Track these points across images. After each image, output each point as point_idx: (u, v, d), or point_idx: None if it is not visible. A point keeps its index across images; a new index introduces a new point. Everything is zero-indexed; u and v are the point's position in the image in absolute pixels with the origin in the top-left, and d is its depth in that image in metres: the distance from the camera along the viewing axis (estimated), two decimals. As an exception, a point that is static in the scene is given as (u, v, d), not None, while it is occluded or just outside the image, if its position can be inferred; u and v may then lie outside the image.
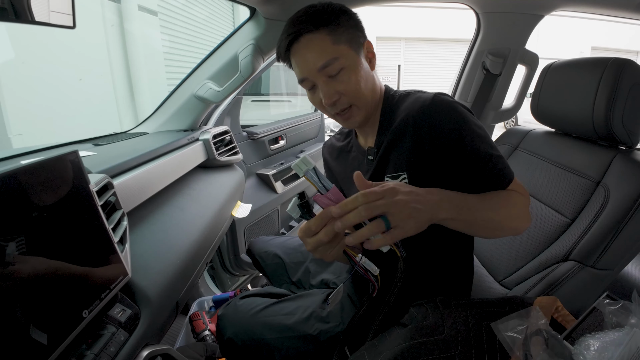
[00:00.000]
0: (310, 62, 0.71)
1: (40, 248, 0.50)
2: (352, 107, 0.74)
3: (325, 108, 0.76)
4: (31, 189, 0.51)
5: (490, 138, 0.72)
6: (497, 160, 0.70)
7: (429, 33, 11.34)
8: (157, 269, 0.78)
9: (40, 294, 0.49)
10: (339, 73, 0.71)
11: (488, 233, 0.70)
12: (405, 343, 0.63)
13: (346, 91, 0.72)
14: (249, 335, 0.88)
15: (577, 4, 1.36)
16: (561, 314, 0.70)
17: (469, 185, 0.69)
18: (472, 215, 0.63)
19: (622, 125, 0.88)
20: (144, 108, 3.69)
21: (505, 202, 0.68)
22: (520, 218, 0.69)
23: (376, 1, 1.26)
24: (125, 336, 0.63)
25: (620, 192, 0.83)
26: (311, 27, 0.70)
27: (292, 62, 0.75)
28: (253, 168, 1.90)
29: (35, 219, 0.50)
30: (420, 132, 0.71)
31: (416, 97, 0.75)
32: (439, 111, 0.70)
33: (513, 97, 1.63)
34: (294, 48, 0.72)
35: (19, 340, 0.45)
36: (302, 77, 0.74)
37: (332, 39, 0.70)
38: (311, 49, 0.71)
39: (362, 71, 0.74)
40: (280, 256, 1.17)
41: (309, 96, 0.78)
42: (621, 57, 0.89)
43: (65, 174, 0.58)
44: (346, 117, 0.76)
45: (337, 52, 0.70)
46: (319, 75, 0.71)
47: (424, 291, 0.79)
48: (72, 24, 0.67)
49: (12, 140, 2.44)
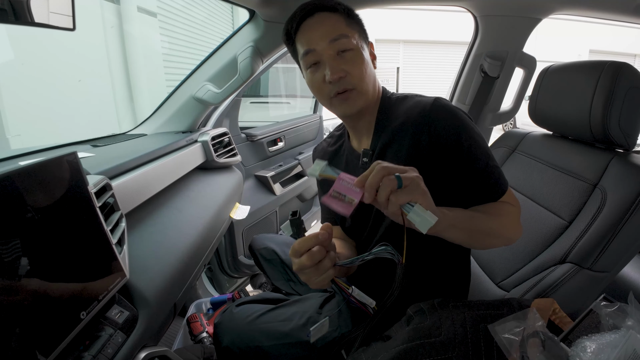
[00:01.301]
0: (321, 35, 0.71)
1: (38, 249, 0.50)
2: (354, 90, 0.73)
3: (323, 90, 0.74)
4: (29, 190, 0.51)
5: (488, 148, 0.72)
6: (492, 170, 0.70)
7: (428, 36, 11.38)
8: (155, 271, 0.78)
9: (38, 296, 0.49)
10: (347, 52, 0.71)
11: (481, 244, 0.70)
12: (402, 345, 0.63)
13: (352, 71, 0.71)
14: (246, 343, 0.87)
15: (574, 7, 1.36)
16: (558, 316, 0.70)
17: (464, 194, 0.70)
18: (468, 225, 0.64)
19: (619, 128, 0.89)
20: (142, 109, 3.68)
21: (497, 213, 0.69)
22: (511, 229, 0.70)
23: (376, 4, 1.27)
24: (122, 338, 0.63)
25: (617, 195, 0.84)
26: (328, 6, 0.72)
27: (299, 39, 0.74)
28: (252, 170, 1.90)
29: (33, 220, 0.50)
30: (419, 137, 0.71)
31: (416, 101, 0.75)
32: (439, 116, 0.70)
33: (511, 100, 1.64)
34: (306, 23, 0.73)
35: (17, 342, 0.45)
36: (308, 49, 0.72)
37: (347, 22, 0.72)
38: (325, 23, 0.72)
39: (367, 62, 0.74)
40: (278, 253, 1.17)
41: (309, 76, 0.75)
42: (618, 61, 0.90)
43: (63, 175, 0.58)
44: (345, 98, 0.73)
45: (350, 33, 0.72)
46: (327, 49, 0.71)
47: (422, 293, 0.79)
48: (71, 26, 0.67)
49: (10, 140, 2.43)
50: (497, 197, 0.71)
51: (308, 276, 0.57)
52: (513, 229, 0.70)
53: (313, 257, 0.55)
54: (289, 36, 0.77)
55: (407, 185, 0.52)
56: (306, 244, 0.55)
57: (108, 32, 3.37)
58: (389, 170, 0.52)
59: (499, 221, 0.68)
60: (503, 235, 0.70)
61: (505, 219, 0.69)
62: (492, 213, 0.69)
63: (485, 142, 0.73)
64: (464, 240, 0.66)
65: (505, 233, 0.70)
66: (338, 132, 0.93)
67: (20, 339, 0.46)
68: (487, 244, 0.71)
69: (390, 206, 0.52)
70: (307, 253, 0.55)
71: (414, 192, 0.52)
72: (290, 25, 0.75)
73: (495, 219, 0.68)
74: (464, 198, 0.71)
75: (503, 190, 0.72)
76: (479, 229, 0.66)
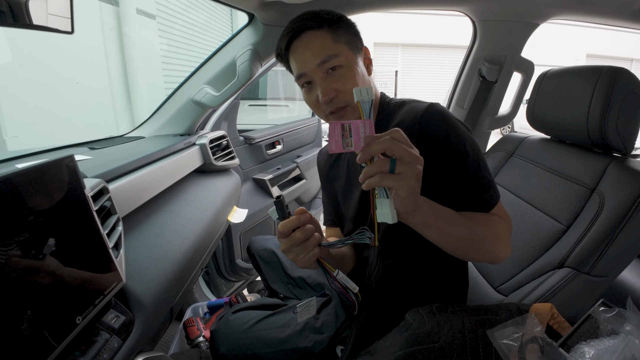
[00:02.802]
0: (309, 57, 0.71)
1: (33, 253, 0.50)
2: (347, 107, 0.73)
3: (319, 108, 0.75)
4: (26, 193, 0.50)
5: (481, 158, 0.70)
6: (482, 179, 0.69)
7: (427, 39, 11.43)
8: (151, 275, 0.77)
9: (34, 300, 0.49)
10: (337, 70, 0.71)
11: (463, 252, 0.67)
12: (401, 351, 0.62)
13: (343, 89, 0.71)
14: (243, 350, 0.86)
15: (572, 12, 1.37)
16: (557, 321, 0.70)
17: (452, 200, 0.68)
18: (449, 227, 0.62)
19: (617, 133, 0.89)
20: (140, 112, 3.68)
21: (486, 223, 0.67)
22: (498, 244, 0.67)
23: (375, 8, 1.28)
24: (119, 343, 0.62)
25: (615, 199, 0.84)
26: (313, 24, 0.71)
27: (291, 60, 0.75)
28: (250, 173, 1.89)
29: (29, 224, 0.50)
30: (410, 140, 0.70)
31: (411, 107, 0.75)
32: (430, 119, 0.70)
33: (509, 104, 1.64)
34: (294, 45, 0.73)
35: (12, 347, 0.45)
36: (300, 73, 0.73)
37: (333, 37, 0.72)
38: (312, 45, 0.71)
39: (360, 73, 0.74)
40: (277, 254, 1.16)
41: (304, 95, 0.77)
42: (615, 66, 0.90)
43: (60, 178, 0.58)
44: (340, 116, 0.74)
45: (337, 50, 0.71)
46: (317, 71, 0.71)
47: (419, 298, 0.79)
48: (70, 29, 0.67)
49: (7, 142, 2.43)
50: (486, 208, 0.69)
51: (295, 254, 0.61)
52: (499, 244, 0.67)
53: (306, 232, 0.59)
54: (280, 57, 0.77)
55: (398, 174, 0.50)
56: (289, 225, 0.60)
57: (107, 34, 3.37)
58: (394, 147, 0.50)
59: (485, 232, 0.66)
60: (487, 249, 0.67)
61: (492, 232, 0.67)
62: (479, 222, 0.66)
63: (479, 151, 0.71)
64: (442, 243, 0.64)
65: (489, 247, 0.67)
66: None
67: (15, 344, 0.45)
68: (469, 254, 0.68)
69: (369, 181, 0.51)
70: (300, 229, 0.59)
71: (398, 185, 0.50)
72: (279, 48, 0.76)
73: (481, 229, 0.66)
74: (452, 205, 0.68)
75: (492, 201, 0.70)
76: (460, 235, 0.64)
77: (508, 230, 0.70)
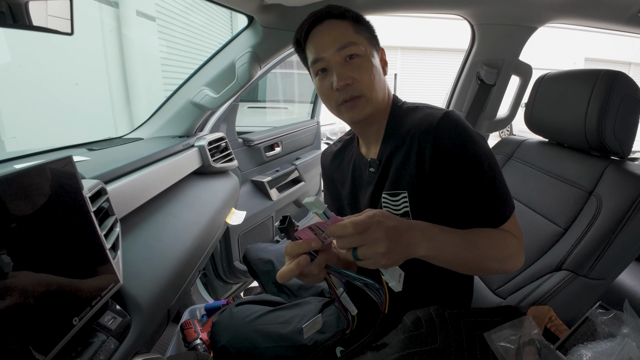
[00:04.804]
0: (329, 42, 0.71)
1: (31, 254, 0.50)
2: (361, 97, 0.72)
3: (331, 97, 0.74)
4: (24, 193, 0.50)
5: (498, 170, 0.69)
6: (497, 192, 0.68)
7: (426, 43, 11.47)
8: (149, 276, 0.77)
9: (30, 301, 0.48)
10: (355, 59, 0.71)
11: (470, 272, 0.68)
12: (398, 353, 0.62)
13: (360, 78, 0.71)
14: (243, 343, 0.86)
15: (570, 17, 1.38)
16: (554, 324, 0.70)
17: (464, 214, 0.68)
18: (455, 256, 0.62)
19: (614, 136, 0.89)
20: (139, 113, 3.67)
21: (495, 244, 0.66)
22: (509, 262, 0.67)
23: (374, 12, 1.28)
24: (115, 344, 0.62)
25: (612, 202, 0.84)
26: (337, 13, 0.73)
27: (309, 45, 0.75)
28: (248, 175, 1.89)
29: (27, 224, 0.50)
30: (424, 148, 0.68)
31: (426, 113, 0.72)
32: (446, 128, 0.67)
33: (507, 107, 1.65)
34: (315, 30, 0.73)
35: (7, 349, 0.45)
36: (316, 57, 0.73)
37: (355, 28, 0.73)
38: (333, 31, 0.72)
39: (377, 68, 0.74)
40: (274, 263, 1.15)
41: (317, 83, 0.76)
42: (613, 70, 0.91)
43: (58, 179, 0.58)
44: (352, 105, 0.72)
45: (358, 40, 0.72)
46: (335, 56, 0.71)
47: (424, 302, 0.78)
48: (70, 31, 0.67)
49: (5, 143, 2.42)
50: (498, 223, 0.68)
51: (302, 277, 0.59)
52: (509, 262, 0.67)
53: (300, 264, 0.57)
54: (298, 44, 0.77)
55: (363, 260, 0.53)
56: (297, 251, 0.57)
57: (106, 36, 3.37)
58: (344, 245, 0.53)
59: (493, 253, 0.65)
60: (495, 268, 0.67)
61: (501, 252, 0.66)
62: (488, 244, 0.65)
63: (496, 163, 0.68)
64: (447, 266, 0.64)
65: (497, 266, 0.67)
66: (348, 137, 0.93)
67: (11, 345, 0.45)
68: (477, 273, 0.69)
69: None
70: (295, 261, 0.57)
71: (373, 263, 0.53)
72: (299, 33, 0.76)
73: (489, 251, 0.65)
74: (464, 218, 0.68)
75: (504, 216, 0.68)
76: (465, 261, 0.64)
77: (519, 246, 0.69)
